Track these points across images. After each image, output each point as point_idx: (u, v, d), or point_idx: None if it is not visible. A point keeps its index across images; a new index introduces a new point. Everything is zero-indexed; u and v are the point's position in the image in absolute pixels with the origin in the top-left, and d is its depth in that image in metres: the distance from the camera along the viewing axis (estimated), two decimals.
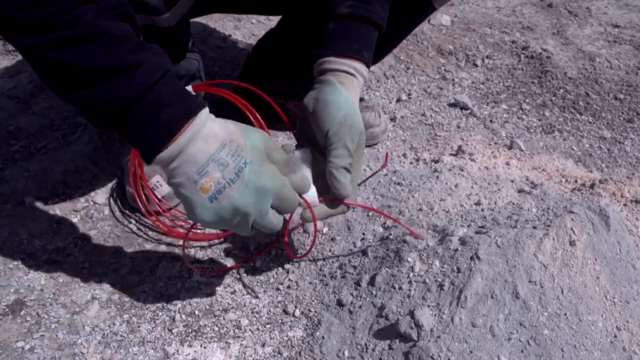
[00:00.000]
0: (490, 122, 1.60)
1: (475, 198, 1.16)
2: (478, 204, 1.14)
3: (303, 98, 0.95)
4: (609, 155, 1.50)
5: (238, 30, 1.99)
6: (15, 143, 1.40)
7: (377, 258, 1.02)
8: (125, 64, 0.73)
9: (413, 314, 0.87)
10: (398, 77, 1.80)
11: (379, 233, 1.10)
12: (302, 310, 1.01)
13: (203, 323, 0.99)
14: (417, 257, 0.96)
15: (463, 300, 0.86)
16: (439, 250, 0.95)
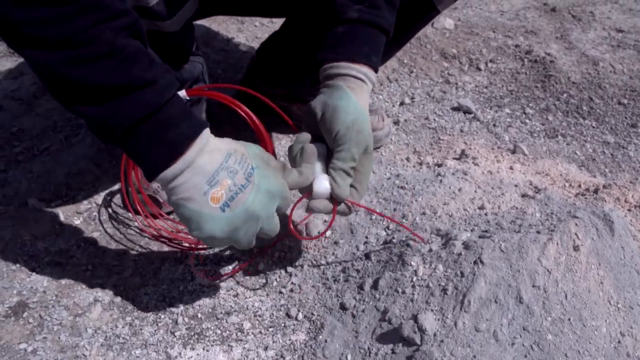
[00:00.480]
0: (494, 126, 1.60)
1: (479, 202, 1.15)
2: (482, 208, 1.13)
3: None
4: (613, 160, 1.49)
5: (241, 33, 1.99)
6: (19, 145, 1.40)
7: (380, 262, 1.02)
8: (142, 82, 0.74)
9: (416, 318, 0.87)
10: (401, 80, 1.80)
11: (382, 237, 1.10)
12: (305, 314, 1.01)
13: (206, 326, 0.99)
14: (420, 261, 0.95)
15: (466, 305, 0.86)
16: (443, 255, 0.95)
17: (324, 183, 0.90)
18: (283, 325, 1.00)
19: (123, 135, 0.76)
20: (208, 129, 0.81)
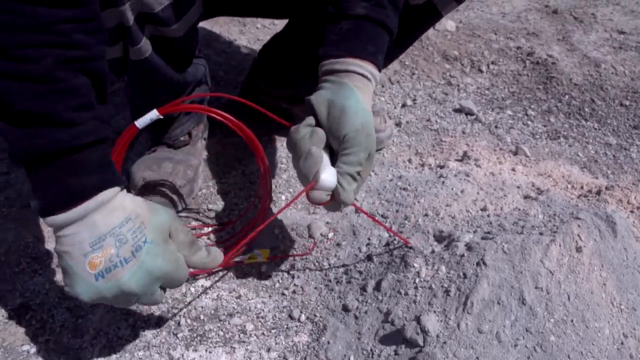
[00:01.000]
0: (496, 127, 1.60)
1: (481, 204, 1.15)
2: (484, 210, 1.13)
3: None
4: (615, 162, 1.49)
5: (243, 35, 1.99)
6: None
7: (382, 263, 1.02)
8: (59, 120, 0.71)
9: (419, 320, 0.87)
10: (403, 82, 1.80)
11: (385, 238, 1.10)
12: (307, 315, 1.01)
13: (208, 327, 0.99)
14: (423, 262, 0.95)
15: (469, 306, 0.86)
16: (445, 256, 0.95)
17: (333, 177, 0.86)
18: (286, 327, 1.00)
19: (27, 164, 0.73)
20: (118, 188, 0.77)
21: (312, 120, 0.90)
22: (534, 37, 2.07)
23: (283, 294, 1.06)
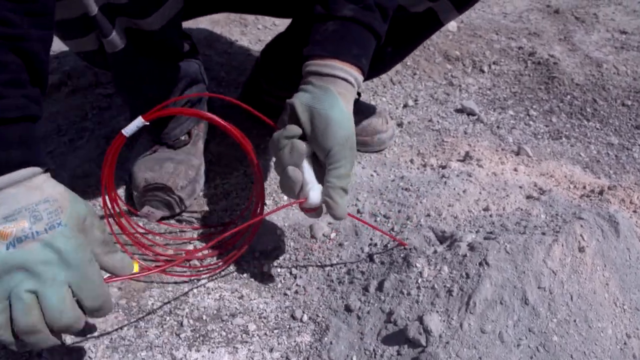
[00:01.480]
0: (498, 128, 1.60)
1: (484, 204, 1.15)
2: (486, 210, 1.13)
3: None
4: (617, 162, 1.49)
5: (244, 36, 2.00)
6: None
7: (385, 263, 1.02)
8: None
9: (422, 320, 0.87)
10: (405, 82, 1.80)
11: (387, 239, 1.10)
12: (310, 316, 1.01)
13: (211, 328, 0.99)
14: (425, 262, 0.95)
15: (472, 306, 0.86)
16: (448, 256, 0.95)
17: (319, 195, 0.90)
18: (288, 327, 1.00)
19: None
20: (40, 169, 0.73)
21: (293, 130, 0.90)
22: (536, 37, 2.07)
23: (285, 294, 1.06)
